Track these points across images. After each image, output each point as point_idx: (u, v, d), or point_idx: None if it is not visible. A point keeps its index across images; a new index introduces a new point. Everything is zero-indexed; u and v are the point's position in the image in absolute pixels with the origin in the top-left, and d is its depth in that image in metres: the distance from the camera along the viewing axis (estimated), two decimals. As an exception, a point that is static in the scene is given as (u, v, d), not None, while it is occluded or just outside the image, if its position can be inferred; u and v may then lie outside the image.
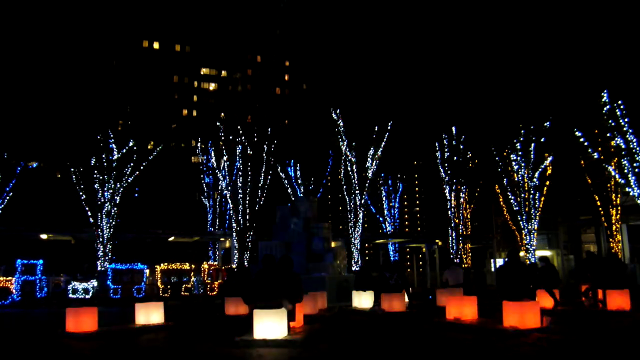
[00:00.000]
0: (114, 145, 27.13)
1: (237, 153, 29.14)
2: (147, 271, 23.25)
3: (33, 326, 14.35)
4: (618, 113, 25.15)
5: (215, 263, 24.72)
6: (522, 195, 29.87)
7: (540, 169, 29.56)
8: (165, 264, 23.72)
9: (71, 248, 31.65)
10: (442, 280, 18.92)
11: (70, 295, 21.92)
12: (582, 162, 27.88)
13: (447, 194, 32.76)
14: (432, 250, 35.75)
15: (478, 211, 34.77)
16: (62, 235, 28.42)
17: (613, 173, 26.06)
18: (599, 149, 25.79)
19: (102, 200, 26.16)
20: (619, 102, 25.19)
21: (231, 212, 28.77)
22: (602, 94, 25.83)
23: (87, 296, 22.15)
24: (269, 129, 29.55)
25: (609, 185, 27.82)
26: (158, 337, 11.16)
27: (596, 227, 32.96)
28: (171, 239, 29.92)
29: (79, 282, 22.44)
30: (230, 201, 28.79)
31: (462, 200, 32.99)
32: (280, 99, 78.72)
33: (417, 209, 36.97)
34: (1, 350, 9.99)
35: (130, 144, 27.54)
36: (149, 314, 12.88)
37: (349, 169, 30.79)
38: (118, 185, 26.59)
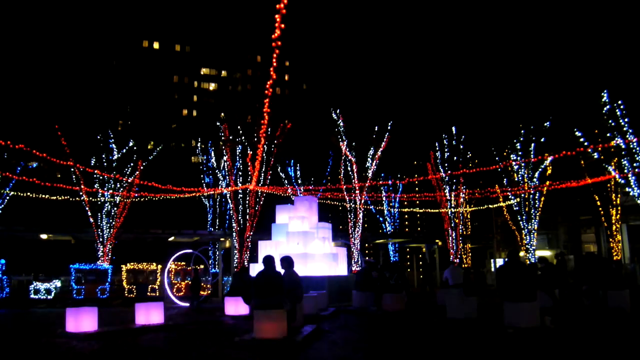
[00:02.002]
0: (114, 145, 27.13)
1: (237, 153, 29.13)
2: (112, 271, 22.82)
3: (33, 326, 14.34)
4: (618, 113, 25.15)
5: (183, 263, 24.42)
6: (522, 195, 29.86)
7: (540, 169, 29.55)
8: (132, 263, 23.30)
9: (71, 248, 31.63)
10: (442, 280, 18.93)
11: (32, 296, 21.54)
12: (582, 162, 27.88)
13: (447, 194, 32.75)
14: (432, 250, 35.74)
15: (478, 211, 34.78)
16: (62, 235, 28.39)
17: (613, 173, 26.05)
18: (599, 148, 25.79)
19: (102, 200, 26.15)
20: (619, 102, 25.19)
21: (231, 212, 28.76)
22: (602, 94, 25.82)
23: (49, 297, 21.80)
24: (269, 129, 29.53)
25: (609, 185, 27.82)
26: (158, 337, 11.16)
27: (596, 227, 32.97)
28: (171, 239, 29.88)
29: (41, 283, 22.11)
30: (230, 201, 28.79)
31: (462, 200, 32.97)
32: (281, 99, 78.73)
33: (417, 209, 37.11)
34: (0, 350, 9.98)
35: (130, 144, 27.54)
36: (149, 314, 12.89)
37: (349, 169, 30.79)
38: (118, 185, 26.58)
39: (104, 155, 26.82)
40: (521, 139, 29.97)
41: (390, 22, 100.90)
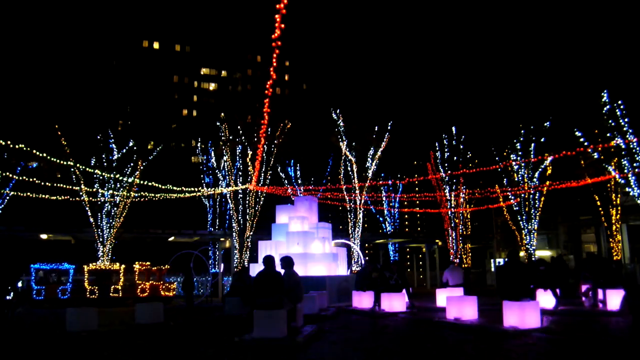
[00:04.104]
0: (114, 145, 27.15)
1: (237, 153, 29.16)
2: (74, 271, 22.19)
3: (33, 326, 14.34)
4: (618, 113, 25.15)
5: (148, 263, 24.09)
6: (522, 195, 29.86)
7: (540, 169, 29.55)
8: (94, 264, 22.76)
9: (71, 248, 31.64)
10: (442, 280, 18.94)
11: None
12: (582, 162, 27.89)
13: (447, 194, 32.75)
14: (432, 250, 35.75)
15: (478, 211, 34.81)
16: (62, 235, 28.42)
17: (613, 173, 26.05)
18: (599, 148, 25.79)
19: (102, 200, 26.16)
20: (619, 102, 25.19)
21: (231, 212, 28.77)
22: (602, 94, 25.83)
23: (8, 297, 21.46)
24: (269, 129, 29.54)
25: (609, 185, 27.81)
26: (158, 337, 11.16)
27: (596, 227, 32.97)
28: (171, 239, 29.93)
29: None
30: (230, 201, 28.80)
31: (462, 200, 32.97)
32: (281, 99, 78.74)
33: (417, 209, 37.12)
34: (1, 349, 9.98)
35: (130, 144, 27.54)
36: (149, 314, 12.90)
37: (349, 169, 30.78)
38: (118, 185, 26.60)
39: (104, 155, 26.83)
40: (521, 139, 29.96)
41: (389, 22, 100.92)
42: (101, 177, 26.26)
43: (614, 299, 13.90)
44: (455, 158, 32.84)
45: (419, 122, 60.72)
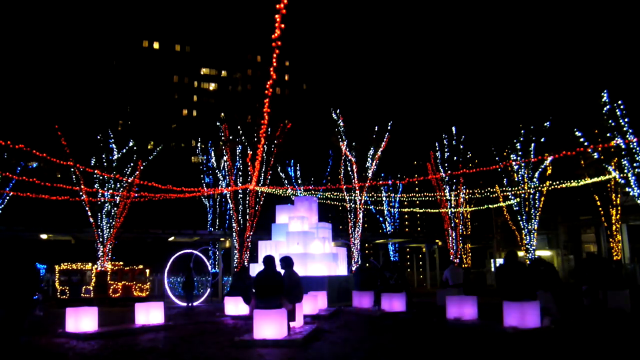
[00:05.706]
0: (114, 145, 27.12)
1: (237, 153, 29.15)
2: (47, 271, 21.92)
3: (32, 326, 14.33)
4: (618, 113, 25.13)
5: (121, 263, 23.67)
6: (522, 195, 29.84)
7: (540, 169, 29.53)
8: (66, 263, 22.23)
9: (71, 248, 31.61)
10: (442, 280, 18.94)
11: None
12: (582, 162, 27.85)
13: (447, 194, 32.73)
14: (432, 250, 35.73)
15: (478, 211, 34.78)
16: (62, 235, 28.38)
17: (613, 173, 26.03)
18: (599, 148, 25.75)
19: (102, 200, 26.15)
20: (619, 102, 25.16)
21: (231, 212, 28.77)
22: (602, 94, 25.80)
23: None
24: (269, 129, 29.51)
25: (609, 185, 27.79)
26: (158, 337, 11.16)
27: (596, 227, 32.96)
28: (171, 239, 29.89)
29: None
30: (230, 201, 28.80)
31: (462, 200, 32.94)
32: (281, 99, 78.75)
33: (417, 209, 37.09)
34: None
35: (130, 144, 27.53)
36: (149, 314, 12.90)
37: (349, 169, 30.77)
38: (118, 185, 26.58)
39: (104, 155, 26.81)
40: (521, 139, 29.93)
41: (389, 22, 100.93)
42: (101, 177, 26.23)
43: (614, 299, 13.90)
44: (455, 158, 32.80)
45: (419, 122, 60.75)
